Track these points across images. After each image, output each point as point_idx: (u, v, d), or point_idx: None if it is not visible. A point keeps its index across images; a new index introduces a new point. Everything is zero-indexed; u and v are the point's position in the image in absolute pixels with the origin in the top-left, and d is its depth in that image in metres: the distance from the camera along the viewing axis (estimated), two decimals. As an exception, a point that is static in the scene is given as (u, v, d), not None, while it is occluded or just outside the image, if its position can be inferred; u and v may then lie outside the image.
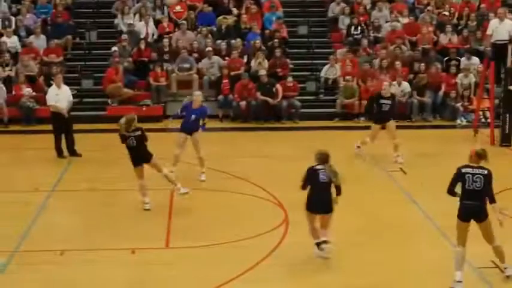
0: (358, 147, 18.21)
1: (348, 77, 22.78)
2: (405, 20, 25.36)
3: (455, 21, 25.65)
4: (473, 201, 10.82)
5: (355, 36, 24.75)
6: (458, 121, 22.55)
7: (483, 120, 21.84)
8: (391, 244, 12.73)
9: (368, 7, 25.99)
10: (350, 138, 20.45)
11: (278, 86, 22.51)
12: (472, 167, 10.84)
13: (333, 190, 11.75)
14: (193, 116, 15.90)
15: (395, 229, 13.44)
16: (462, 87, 23.15)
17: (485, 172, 10.80)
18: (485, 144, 19.64)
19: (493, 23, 20.47)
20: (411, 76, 23.50)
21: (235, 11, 25.44)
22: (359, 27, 24.93)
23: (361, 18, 25.24)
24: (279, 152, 18.39)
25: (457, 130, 22.11)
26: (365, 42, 24.35)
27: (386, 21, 25.42)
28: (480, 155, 10.92)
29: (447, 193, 11.07)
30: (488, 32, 20.51)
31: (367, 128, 21.90)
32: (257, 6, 25.37)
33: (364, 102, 22.03)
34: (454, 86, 23.21)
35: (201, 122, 16.05)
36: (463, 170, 10.82)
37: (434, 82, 23.22)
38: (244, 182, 16.10)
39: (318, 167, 11.71)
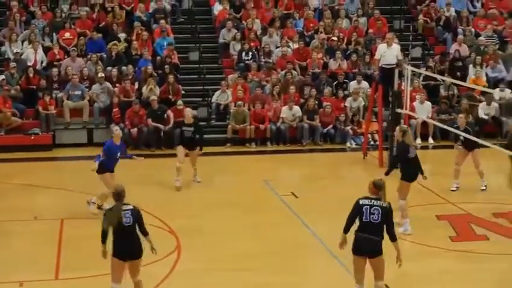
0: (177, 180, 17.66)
1: (239, 102, 22.88)
2: (295, 45, 25.69)
3: (344, 46, 26.10)
4: (369, 235, 10.32)
5: (246, 62, 24.92)
6: (348, 144, 22.89)
7: (372, 142, 22.24)
8: (284, 267, 12.79)
9: (259, 33, 26.21)
10: (242, 163, 20.60)
11: (169, 112, 22.41)
12: (371, 199, 10.46)
13: None
14: (118, 154, 15.63)
15: (288, 252, 13.51)
16: (351, 111, 23.55)
17: (385, 205, 10.39)
18: (374, 166, 20.12)
19: (381, 47, 20.90)
20: (302, 100, 23.76)
21: (125, 36, 25.26)
22: (250, 53, 25.10)
23: (252, 44, 25.43)
24: (170, 179, 18.29)
25: (347, 153, 22.43)
26: (256, 67, 24.53)
27: (277, 47, 25.68)
28: (378, 186, 10.55)
29: (343, 231, 10.67)
30: (377, 56, 20.92)
31: (260, 152, 22.21)
32: (148, 32, 25.27)
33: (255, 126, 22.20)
34: (343, 109, 23.58)
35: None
36: (361, 202, 10.46)
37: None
38: (136, 209, 15.91)
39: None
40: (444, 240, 13.98)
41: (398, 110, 19.78)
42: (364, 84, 24.25)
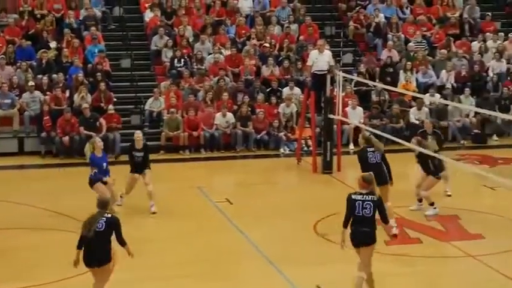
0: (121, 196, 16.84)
1: (172, 110, 22.77)
2: (228, 52, 25.69)
3: (276, 52, 26.20)
4: (363, 228, 10.87)
5: (179, 69, 24.82)
6: (282, 150, 22.96)
7: (305, 148, 22.34)
8: (219, 274, 12.75)
9: (191, 40, 26.14)
10: (176, 170, 20.51)
11: (102, 120, 22.18)
12: (362, 194, 10.93)
13: None
14: (104, 164, 15.58)
15: (222, 258, 13.48)
16: (284, 117, 23.64)
17: (375, 199, 10.88)
18: (307, 172, 20.24)
19: (313, 54, 21.03)
20: (235, 107, 23.76)
21: (55, 44, 24.94)
22: (182, 60, 25.01)
23: (184, 51, 25.34)
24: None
25: (281, 159, 22.48)
26: (188, 74, 24.46)
27: (209, 54, 25.64)
28: (367, 180, 11.02)
29: (343, 226, 11.03)
30: (309, 62, 21.05)
31: (194, 159, 22.15)
32: (78, 40, 25.00)
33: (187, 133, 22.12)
34: (276, 115, 23.65)
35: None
36: (353, 197, 10.93)
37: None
38: (69, 218, 15.68)
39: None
40: (379, 244, 14.04)
41: (331, 116, 19.93)
42: (297, 90, 24.37)
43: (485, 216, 15.66)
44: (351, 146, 23.05)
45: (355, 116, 23.25)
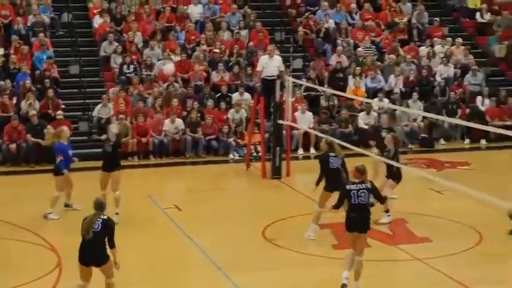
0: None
1: (121, 116, 22.61)
2: (177, 58, 25.62)
3: (226, 58, 26.20)
4: (360, 214, 11.65)
5: (128, 75, 24.68)
6: (231, 156, 22.94)
7: (255, 154, 22.35)
8: (168, 281, 12.70)
9: (140, 46, 26.03)
10: (125, 177, 20.29)
11: (49, 127, 21.94)
12: (356, 183, 11.70)
13: None
14: (70, 152, 16.10)
15: (171, 265, 13.42)
16: (234, 123, 23.63)
17: (369, 186, 11.74)
18: (257, 177, 20.25)
19: (263, 59, 21.05)
20: (185, 113, 23.69)
21: (3, 51, 24.65)
22: (131, 66, 24.88)
23: (134, 57, 25.22)
24: (51, 195, 17.89)
25: (230, 165, 22.45)
26: (138, 80, 24.35)
27: (159, 59, 25.55)
28: (361, 171, 11.76)
29: (333, 208, 12.10)
30: (259, 68, 21.06)
31: (143, 166, 22.04)
32: (26, 46, 24.73)
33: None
34: (226, 121, 23.64)
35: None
36: (348, 187, 11.71)
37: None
38: (14, 227, 15.52)
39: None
40: (326, 249, 14.15)
41: (280, 121, 19.97)
42: (246, 95, 24.39)
43: (433, 219, 15.81)
44: (300, 151, 23.14)
45: (305, 121, 23.33)
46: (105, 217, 10.83)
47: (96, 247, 10.69)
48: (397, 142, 15.97)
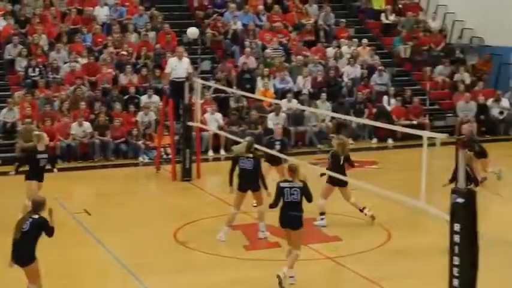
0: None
1: (27, 120, 22.19)
2: (84, 61, 25.29)
3: (133, 60, 25.98)
4: (292, 212, 12.07)
5: (33, 78, 24.24)
6: (141, 159, 22.76)
7: (165, 156, 22.23)
8: (80, 287, 12.51)
9: (46, 48, 25.60)
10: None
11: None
12: (289, 182, 12.14)
13: None
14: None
15: (83, 271, 13.24)
16: (143, 125, 23.45)
17: (301, 185, 12.11)
18: (167, 180, 20.14)
19: (172, 61, 20.94)
20: (92, 116, 23.40)
21: None
22: (37, 69, 24.45)
23: (39, 60, 24.79)
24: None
25: (140, 168, 22.29)
26: (44, 83, 23.94)
27: (65, 62, 25.18)
28: (291, 169, 12.25)
29: (270, 208, 12.45)
30: (167, 70, 20.95)
31: (51, 170, 21.58)
32: None
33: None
34: (135, 124, 23.44)
35: None
36: (281, 185, 12.16)
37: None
38: None
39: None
40: (238, 250, 14.17)
41: (190, 123, 19.91)
42: (155, 98, 24.26)
43: (342, 218, 15.98)
44: (210, 153, 23.14)
45: (214, 122, 23.32)
46: (36, 217, 10.74)
47: (22, 247, 10.68)
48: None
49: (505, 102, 26.89)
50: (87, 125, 22.81)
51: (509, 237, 14.72)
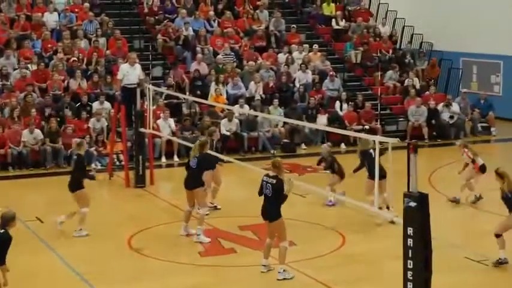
0: None
1: (-24, 128, 21.93)
2: (34, 67, 25.05)
3: (84, 66, 25.79)
4: (267, 204, 12.68)
5: (-17, 85, 23.99)
6: (93, 165, 22.56)
7: (117, 163, 22.11)
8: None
9: (-5, 55, 25.35)
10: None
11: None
12: (268, 176, 12.65)
13: None
14: None
15: (36, 280, 13.10)
16: (95, 132, 23.30)
17: (274, 182, 12.51)
18: (120, 186, 20.03)
19: (124, 67, 20.85)
20: (44, 123, 23.17)
21: None
22: (-14, 76, 24.19)
23: (-12, 66, 24.53)
24: None
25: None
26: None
27: (15, 69, 24.91)
28: (273, 164, 12.71)
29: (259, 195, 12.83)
30: (119, 76, 20.85)
31: (2, 178, 21.37)
32: None
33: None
34: (87, 130, 23.28)
35: None
36: (263, 178, 12.75)
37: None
38: None
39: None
40: (193, 256, 14.15)
41: (142, 130, 19.83)
42: (107, 104, 24.11)
43: (296, 223, 16.01)
44: (163, 159, 23.06)
45: (167, 128, 23.26)
46: (1, 231, 10.77)
47: None
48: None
49: (455, 107, 27.22)
50: (38, 132, 22.57)
51: (458, 240, 14.93)
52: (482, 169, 17.19)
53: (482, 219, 16.79)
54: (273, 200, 12.59)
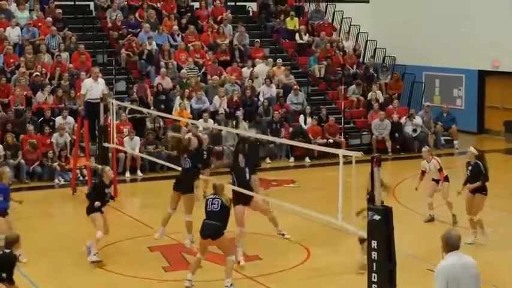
0: None
1: None
2: (-6, 82, 24.85)
3: (47, 81, 25.61)
4: (212, 221, 12.83)
5: None
6: (56, 181, 22.42)
7: (81, 178, 21.96)
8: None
9: (-44, 69, 25.08)
10: None
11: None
12: (214, 195, 13.06)
13: None
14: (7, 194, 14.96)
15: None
16: (58, 147, 23.14)
17: (224, 198, 12.99)
18: (84, 201, 19.74)
19: (87, 82, 20.79)
20: (5, 138, 22.94)
21: None
22: None
23: (-50, 81, 24.25)
24: None
25: (56, 190, 21.95)
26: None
27: (-24, 83, 24.69)
28: (214, 188, 13.24)
29: None
30: (83, 91, 20.78)
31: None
32: None
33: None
34: (50, 145, 23.10)
35: None
36: (207, 196, 13.38)
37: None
38: None
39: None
40: (157, 271, 14.07)
41: (106, 144, 19.73)
42: (70, 119, 23.97)
43: (261, 237, 16.03)
44: (127, 174, 22.95)
45: (131, 143, 23.16)
46: (7, 251, 11.04)
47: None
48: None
49: (418, 120, 27.44)
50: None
51: (422, 252, 14.99)
52: (447, 179, 17.29)
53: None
54: (221, 215, 12.88)
